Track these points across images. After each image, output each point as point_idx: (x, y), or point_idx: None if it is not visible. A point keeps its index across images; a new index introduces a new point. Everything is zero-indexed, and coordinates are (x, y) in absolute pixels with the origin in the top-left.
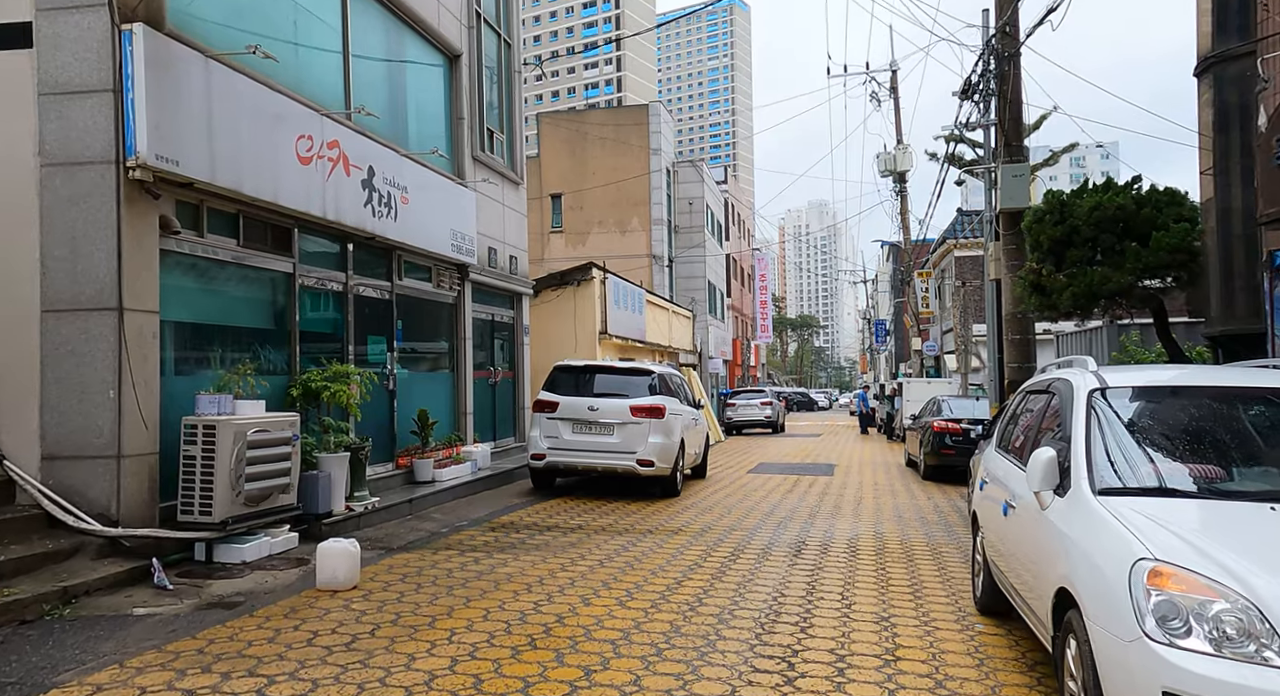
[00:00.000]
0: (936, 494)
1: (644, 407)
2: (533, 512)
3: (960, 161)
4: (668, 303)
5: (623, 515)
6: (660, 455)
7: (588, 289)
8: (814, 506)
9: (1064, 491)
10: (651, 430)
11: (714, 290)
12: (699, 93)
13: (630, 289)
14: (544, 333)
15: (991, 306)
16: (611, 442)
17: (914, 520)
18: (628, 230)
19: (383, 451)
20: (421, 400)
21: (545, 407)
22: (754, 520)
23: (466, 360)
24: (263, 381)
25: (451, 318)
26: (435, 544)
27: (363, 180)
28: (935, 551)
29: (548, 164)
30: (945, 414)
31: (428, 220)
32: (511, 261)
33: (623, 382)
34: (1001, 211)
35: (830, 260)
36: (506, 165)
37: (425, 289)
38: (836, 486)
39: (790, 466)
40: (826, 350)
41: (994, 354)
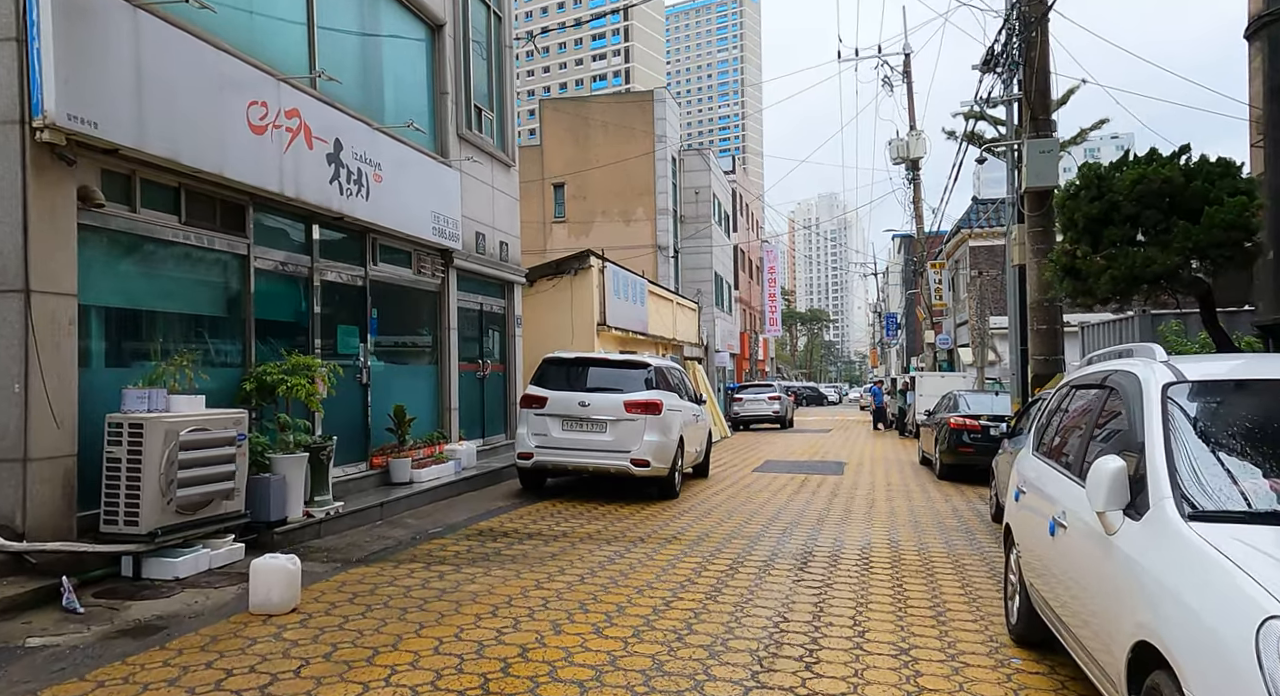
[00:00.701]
0: (954, 495)
1: (639, 403)
2: (516, 517)
3: (980, 140)
4: (672, 294)
5: (614, 520)
6: (656, 454)
7: (585, 278)
8: (822, 510)
9: (1139, 513)
10: (647, 427)
11: (721, 282)
12: (708, 85)
13: (631, 279)
14: (539, 324)
15: (1014, 295)
16: (604, 441)
17: (931, 526)
18: (632, 220)
19: (355, 450)
20: (400, 395)
21: (533, 403)
22: (757, 525)
23: (451, 352)
24: (203, 374)
25: (435, 307)
26: (400, 555)
27: (328, 154)
28: (958, 564)
29: (550, 152)
30: (962, 409)
31: (405, 201)
32: (502, 248)
33: (617, 376)
34: (1027, 191)
35: (840, 252)
36: (496, 145)
37: (404, 275)
38: (847, 487)
39: (798, 464)
40: (836, 344)
41: (1016, 346)
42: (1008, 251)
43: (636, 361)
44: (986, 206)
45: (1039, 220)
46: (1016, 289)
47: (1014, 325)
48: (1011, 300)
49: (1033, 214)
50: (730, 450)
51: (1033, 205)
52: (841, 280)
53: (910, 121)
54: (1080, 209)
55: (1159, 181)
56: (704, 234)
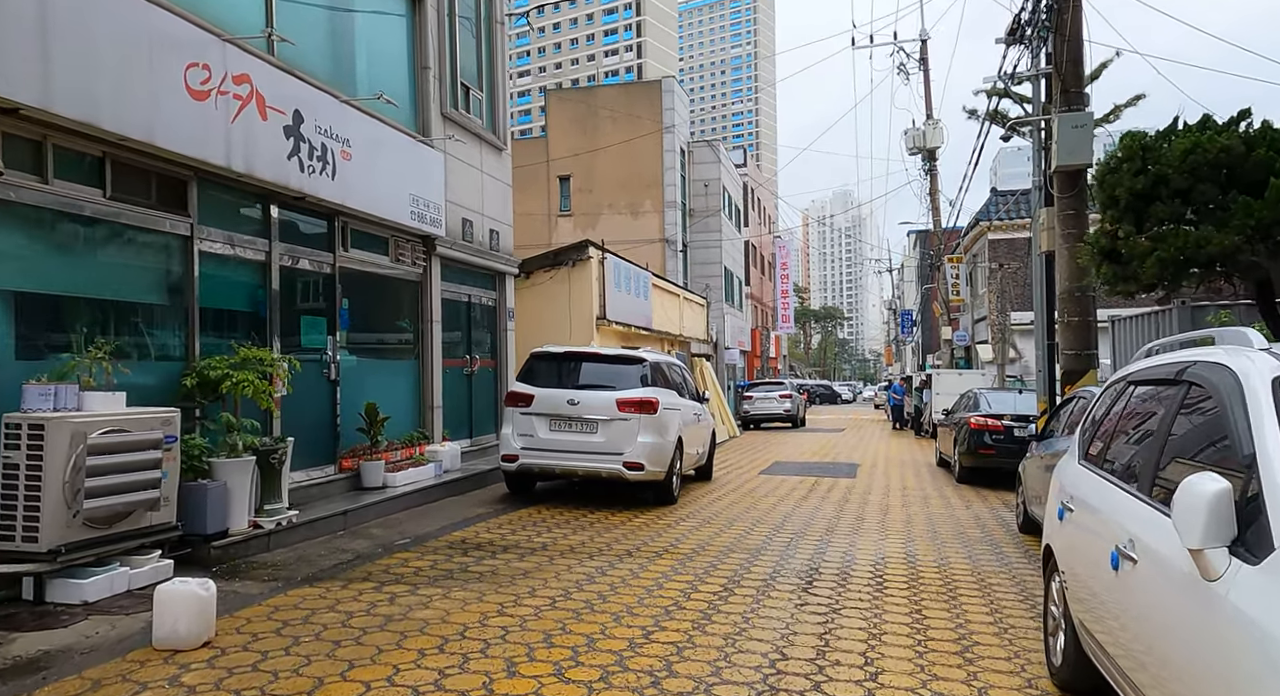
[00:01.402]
0: (975, 501)
1: (633, 402)
2: (495, 526)
3: (1004, 119)
4: (679, 288)
5: (603, 529)
6: (651, 457)
7: (584, 270)
8: (832, 517)
9: (1256, 554)
10: (641, 428)
11: (731, 277)
12: (721, 81)
13: (634, 271)
14: (535, 317)
15: (1040, 285)
16: (595, 442)
17: (952, 537)
18: (640, 213)
19: (322, 452)
20: (375, 392)
21: (519, 401)
22: (759, 536)
23: (434, 346)
24: (124, 368)
25: (416, 297)
26: (353, 572)
27: (285, 126)
28: (983, 584)
29: (555, 144)
30: (983, 409)
31: (379, 181)
32: (492, 236)
33: (610, 373)
34: (1057, 170)
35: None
36: (485, 127)
37: (380, 263)
38: (860, 491)
39: (808, 466)
40: (851, 342)
41: (1042, 341)
42: (1034, 239)
43: (631, 356)
44: (1006, 198)
45: (1070, 202)
46: (1043, 278)
47: (1040, 318)
48: (1038, 291)
49: (1063, 196)
50: (738, 450)
51: (1063, 186)
52: (856, 277)
53: (927, 110)
54: (1122, 183)
55: (1215, 151)
56: (713, 228)
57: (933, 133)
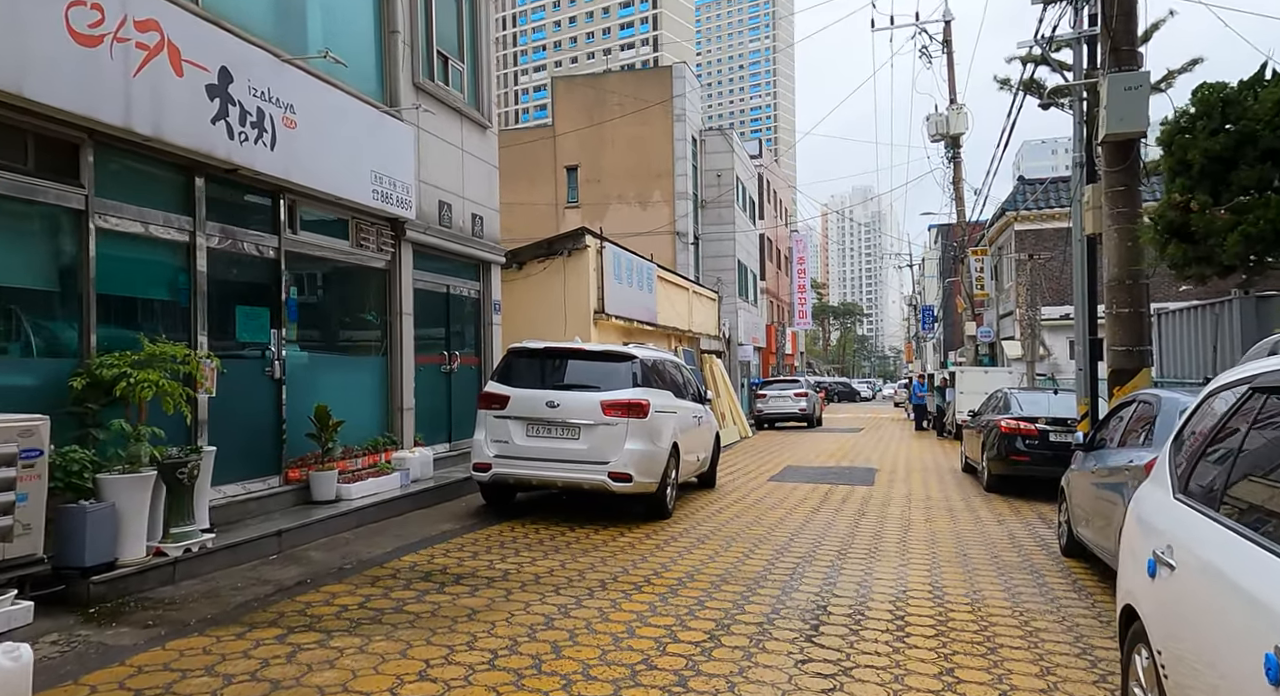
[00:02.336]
0: (1007, 514)
1: (620, 404)
2: (457, 547)
3: (1040, 89)
4: (688, 282)
5: (580, 551)
6: (641, 466)
7: (580, 260)
8: (846, 535)
9: None
10: (630, 433)
11: (745, 271)
12: (740, 76)
13: (637, 262)
14: (528, 311)
15: (1081, 273)
16: (576, 449)
17: (985, 562)
18: (649, 204)
19: (264, 462)
20: (332, 392)
21: (493, 403)
22: (760, 560)
23: (405, 342)
24: None
25: (383, 287)
26: (262, 613)
27: (209, 85)
28: (1028, 629)
29: (563, 133)
30: (1014, 411)
31: (334, 155)
32: (475, 222)
33: (595, 371)
34: (1106, 140)
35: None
36: (468, 102)
37: (339, 248)
38: (878, 502)
39: (822, 471)
40: (870, 339)
41: (1083, 336)
42: (1075, 221)
43: (620, 353)
44: (1034, 187)
45: (1120, 177)
46: (1085, 266)
47: (1081, 310)
48: (1079, 280)
49: (1113, 170)
50: (748, 453)
51: (1113, 158)
52: (875, 273)
53: (950, 94)
54: (1197, 145)
55: None
56: (726, 220)
57: (956, 118)
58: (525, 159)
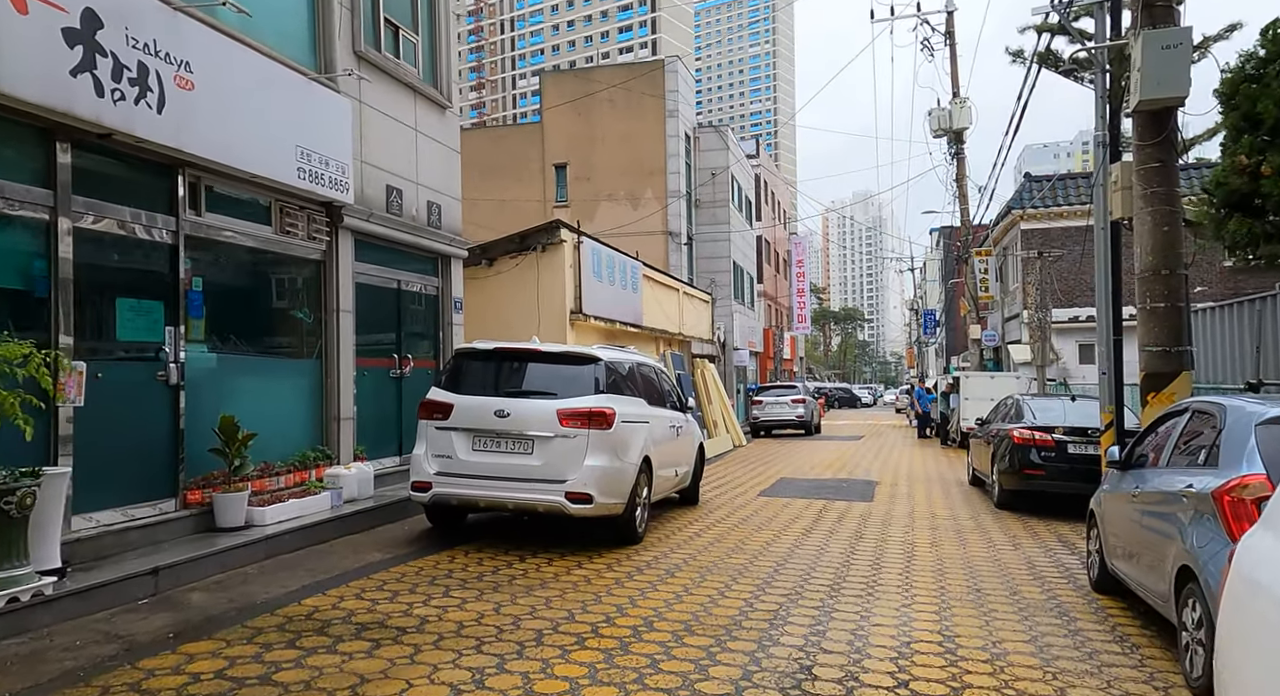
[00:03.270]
0: (1023, 535)
1: (580, 413)
2: (375, 586)
3: (1056, 61)
4: (679, 282)
5: (522, 589)
6: (603, 485)
7: (554, 256)
8: (840, 564)
9: None
10: (591, 447)
11: (741, 272)
12: (740, 81)
13: (619, 259)
14: (499, 311)
15: (1105, 264)
16: (529, 466)
17: (1003, 600)
18: (641, 203)
19: (155, 483)
20: (248, 400)
21: (434, 412)
22: (737, 600)
23: (342, 342)
24: None
25: (316, 280)
26: (79, 690)
27: (68, 29)
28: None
29: (551, 129)
30: (1028, 419)
31: (245, 124)
32: (431, 211)
33: (552, 376)
34: (1140, 110)
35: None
36: (423, 78)
37: (259, 234)
38: (877, 521)
39: (818, 485)
40: (871, 344)
41: (1107, 335)
42: (1098, 206)
43: (581, 354)
44: (1040, 184)
45: (1155, 151)
46: (1108, 257)
47: (1104, 306)
48: (1101, 270)
49: (1146, 144)
50: (741, 463)
51: (1147, 130)
52: (876, 278)
53: (953, 88)
54: (1270, 95)
55: None
56: (721, 220)
57: (960, 112)
58: (513, 156)
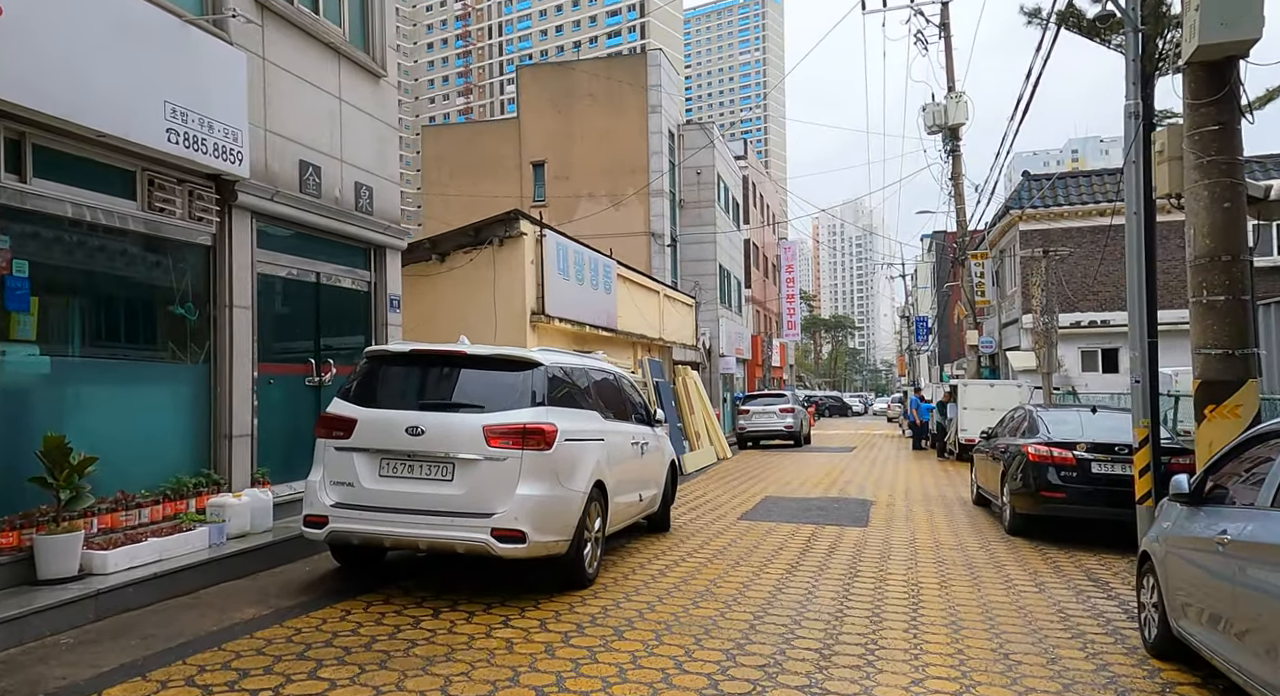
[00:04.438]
0: (1045, 572)
1: (511, 430)
2: (222, 663)
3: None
4: (659, 284)
5: (421, 663)
6: (540, 519)
7: (513, 250)
8: (832, 617)
9: None
10: (525, 472)
11: (728, 276)
12: (730, 88)
13: (590, 256)
14: (451, 311)
15: (1138, 254)
16: (448, 496)
17: (1039, 666)
18: (622, 203)
19: None
20: (101, 414)
21: (334, 429)
22: (698, 678)
23: (236, 343)
24: None
25: (204, 269)
26: None
27: None
28: None
29: (529, 126)
30: (1043, 433)
31: (88, 67)
32: (360, 193)
33: (481, 384)
34: (1195, 60)
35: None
36: (351, 41)
37: (116, 208)
38: (874, 552)
39: (807, 504)
40: (861, 352)
41: (1141, 337)
42: (1130, 187)
43: (516, 358)
44: (1040, 183)
45: (1214, 111)
46: (1140, 246)
47: (1136, 304)
48: (1133, 262)
49: (1201, 102)
50: (724, 479)
51: (1203, 86)
52: (867, 286)
53: (948, 82)
54: None
55: None
56: (707, 221)
57: (955, 107)
58: (488, 153)
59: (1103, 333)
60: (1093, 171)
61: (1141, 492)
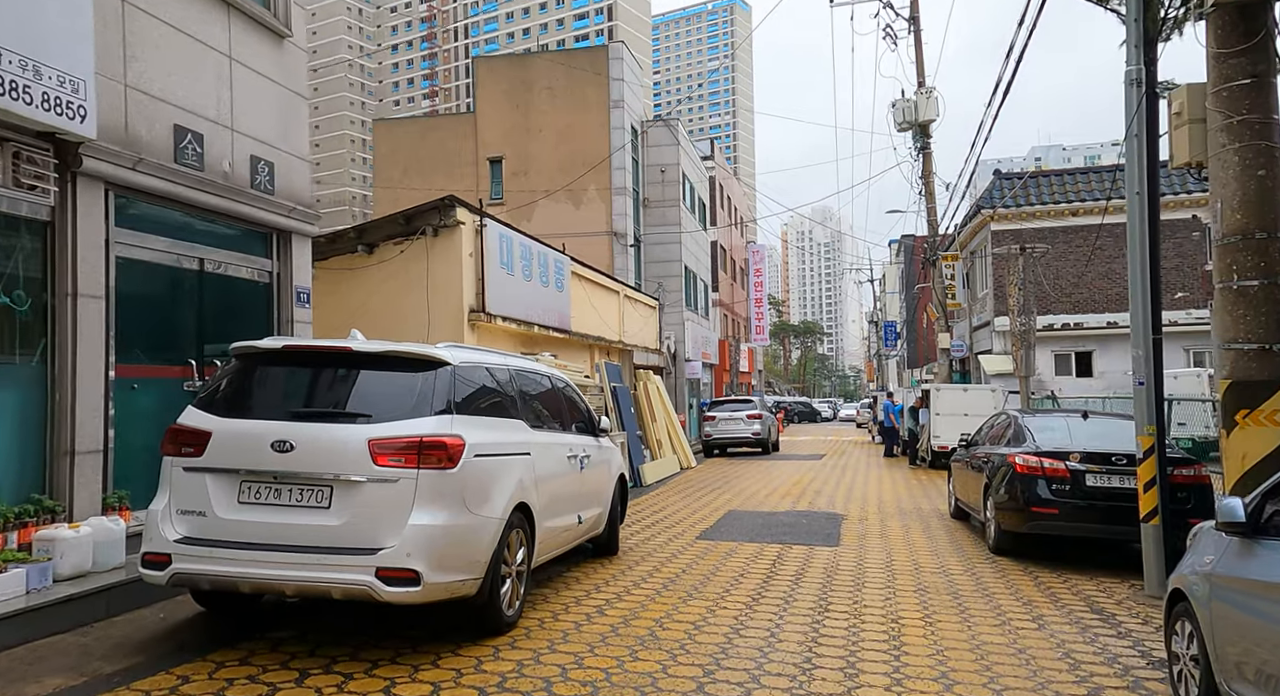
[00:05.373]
0: (1038, 598)
1: (404, 445)
2: None
3: None
4: (619, 284)
5: None
6: (439, 554)
7: (450, 241)
8: (799, 668)
9: None
10: (421, 496)
11: (694, 278)
12: (699, 95)
13: (539, 251)
14: (381, 308)
15: (1139, 235)
16: (323, 527)
17: None
18: (583, 202)
19: None
20: None
21: (183, 445)
22: None
23: (82, 340)
24: None
25: (38, 250)
26: None
27: None
28: None
29: (485, 120)
30: (1029, 442)
31: None
32: (258, 169)
33: (370, 389)
34: (1222, 1)
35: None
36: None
37: None
38: (846, 578)
39: (773, 520)
40: (831, 358)
41: (1144, 334)
42: (1131, 164)
43: (416, 356)
44: (1012, 182)
45: (1244, 63)
46: (1144, 230)
47: (1140, 297)
48: (1135, 251)
49: (1229, 52)
50: (685, 490)
51: (1230, 33)
52: (836, 291)
53: (919, 77)
54: None
55: None
56: (672, 221)
57: (926, 104)
58: (443, 149)
59: (1076, 335)
60: (1064, 170)
61: (1147, 510)
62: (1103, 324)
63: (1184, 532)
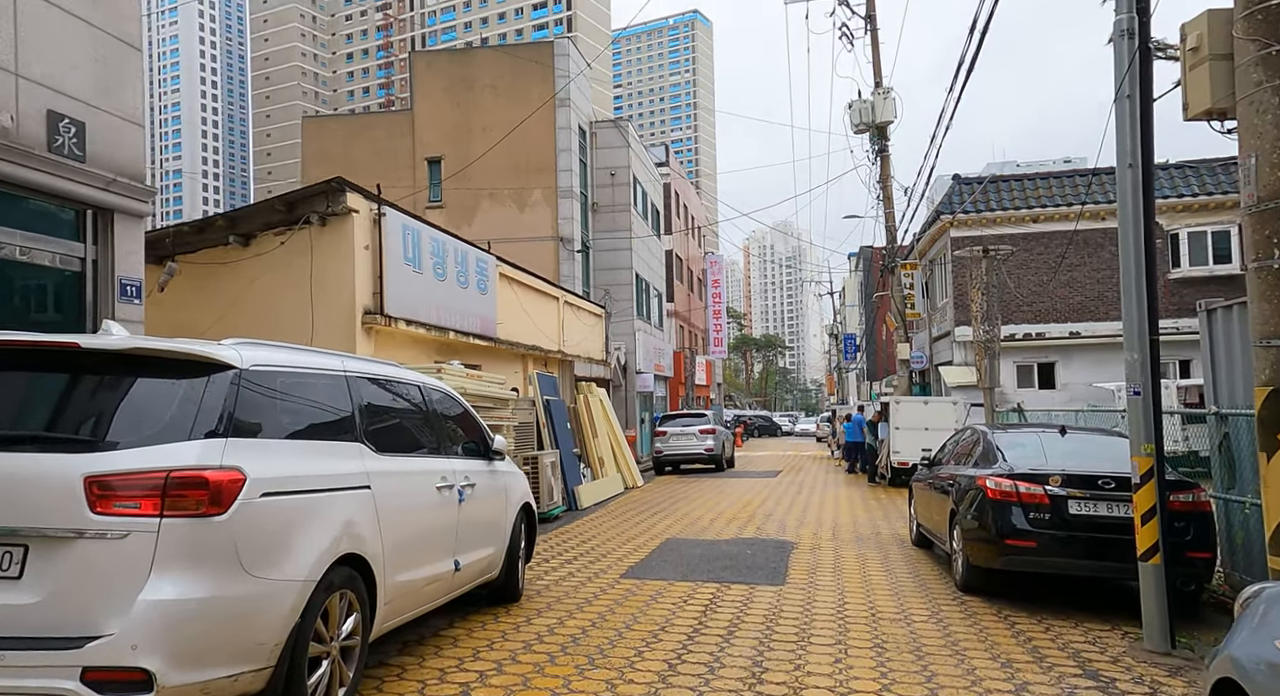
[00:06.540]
0: (1018, 655)
1: (138, 482)
2: None
3: None
4: (557, 289)
5: None
6: (191, 640)
7: (340, 231)
8: None
9: None
10: (164, 557)
11: (646, 287)
12: (660, 109)
13: (456, 247)
14: (259, 309)
15: (1133, 215)
16: (7, 609)
17: None
18: (528, 205)
19: None
20: None
21: None
22: None
23: None
24: None
25: None
26: None
27: None
28: None
29: (424, 119)
30: (1000, 463)
31: None
32: (60, 130)
33: (103, 403)
34: None
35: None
36: None
37: None
38: (790, 629)
39: (714, 550)
40: (792, 372)
41: (1140, 336)
42: (1122, 132)
43: (180, 357)
44: (971, 187)
45: None
46: (1139, 212)
47: (1135, 295)
48: (1128, 237)
49: None
50: (624, 514)
51: None
52: (797, 305)
53: (875, 77)
54: None
55: None
56: (622, 226)
57: (883, 104)
58: (378, 148)
59: (1038, 346)
60: (1024, 175)
61: (1145, 546)
62: (1065, 334)
63: (1182, 568)
